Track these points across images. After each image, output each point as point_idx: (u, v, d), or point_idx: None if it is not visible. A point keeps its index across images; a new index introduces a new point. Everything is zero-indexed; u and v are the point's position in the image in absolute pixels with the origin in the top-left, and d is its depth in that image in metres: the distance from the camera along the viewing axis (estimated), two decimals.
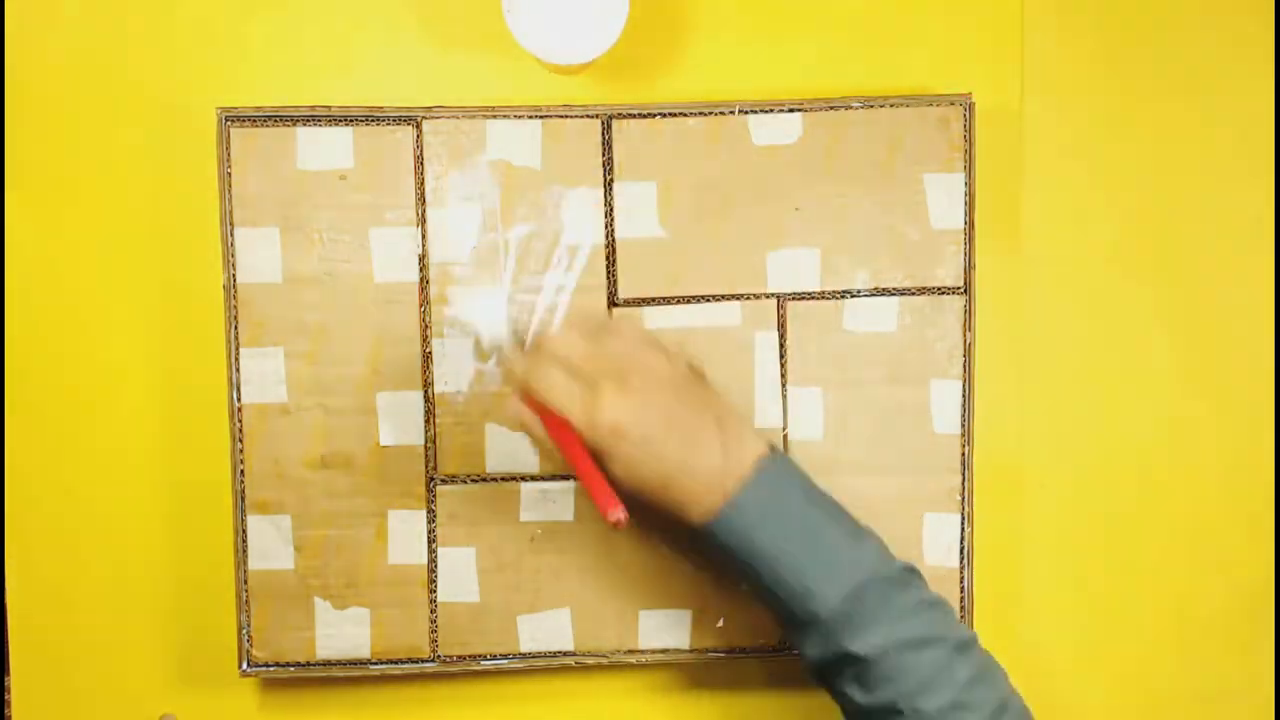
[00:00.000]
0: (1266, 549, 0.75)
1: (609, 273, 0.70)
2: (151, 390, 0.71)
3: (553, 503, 0.70)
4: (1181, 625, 0.75)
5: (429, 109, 0.69)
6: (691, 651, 0.71)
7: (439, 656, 0.70)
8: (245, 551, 0.69)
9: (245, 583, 0.69)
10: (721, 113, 0.69)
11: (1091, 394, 0.74)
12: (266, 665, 0.70)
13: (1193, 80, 0.74)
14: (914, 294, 0.70)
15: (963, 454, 0.71)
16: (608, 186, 0.69)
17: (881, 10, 0.72)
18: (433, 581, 0.70)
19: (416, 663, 0.70)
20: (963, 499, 0.71)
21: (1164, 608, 0.75)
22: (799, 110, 0.69)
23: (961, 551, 0.71)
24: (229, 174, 0.68)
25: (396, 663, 0.70)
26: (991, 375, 0.72)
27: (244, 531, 0.69)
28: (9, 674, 0.73)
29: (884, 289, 0.70)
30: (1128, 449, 0.74)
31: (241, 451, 0.69)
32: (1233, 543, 0.75)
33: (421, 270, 0.69)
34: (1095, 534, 0.75)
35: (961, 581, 0.71)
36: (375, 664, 0.70)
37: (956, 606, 0.71)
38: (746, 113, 0.69)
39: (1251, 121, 0.74)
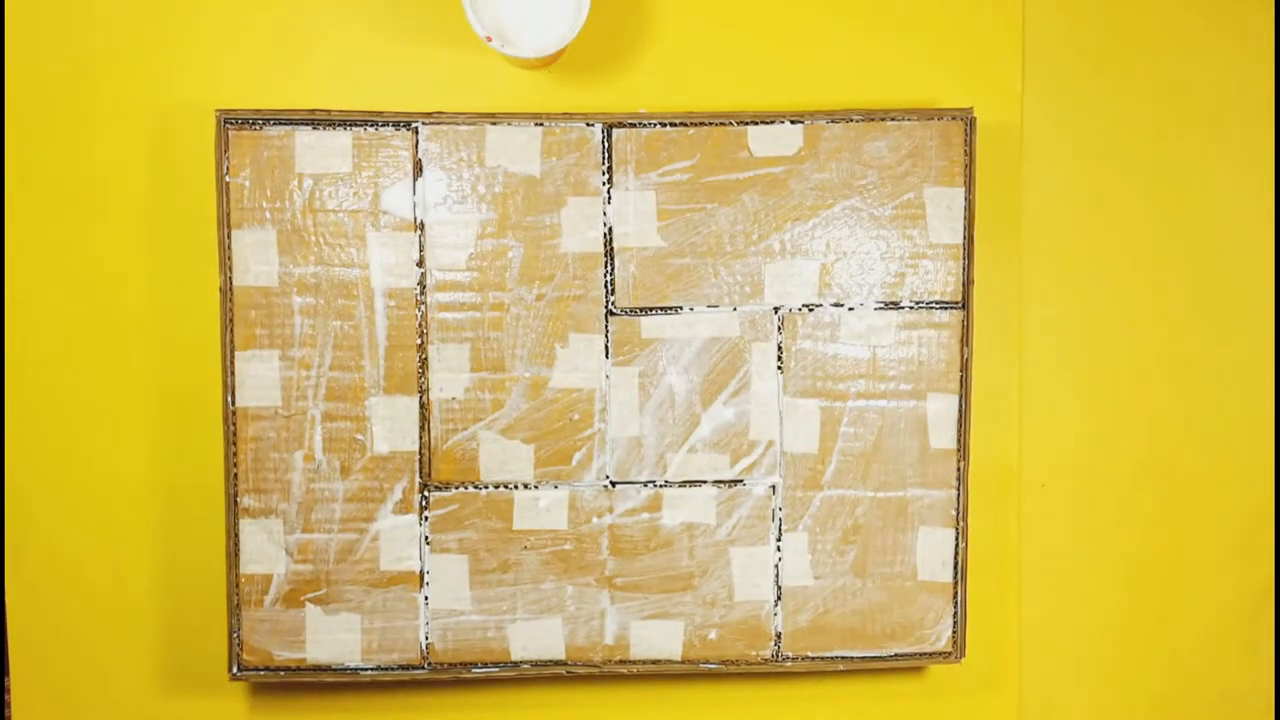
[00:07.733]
0: (1266, 550, 0.75)
1: (607, 281, 0.69)
2: (146, 393, 0.71)
3: (546, 511, 0.70)
4: (1181, 630, 0.75)
5: (428, 114, 0.69)
6: (683, 663, 0.71)
7: (430, 664, 0.70)
8: (237, 555, 0.69)
9: (237, 587, 0.69)
10: (722, 123, 0.69)
11: (1089, 409, 0.74)
12: (257, 669, 0.69)
13: (1192, 96, 0.74)
14: (912, 307, 0.70)
15: (958, 468, 0.70)
16: (607, 195, 0.69)
17: (883, 24, 0.72)
18: (424, 588, 0.70)
19: (407, 669, 0.70)
20: (957, 514, 0.70)
21: (1162, 616, 0.75)
22: (799, 122, 0.69)
23: (956, 566, 0.71)
24: (227, 176, 0.68)
25: (387, 669, 0.70)
26: (989, 390, 0.72)
27: (236, 535, 0.69)
28: (9, 674, 0.72)
29: (882, 302, 0.70)
30: (1125, 463, 0.74)
31: (234, 455, 0.69)
32: (1232, 544, 0.75)
33: (419, 276, 0.69)
34: (1091, 548, 0.74)
35: (955, 596, 0.71)
36: (366, 670, 0.70)
37: (950, 621, 0.71)
38: (747, 124, 0.69)
39: (1250, 136, 0.74)
